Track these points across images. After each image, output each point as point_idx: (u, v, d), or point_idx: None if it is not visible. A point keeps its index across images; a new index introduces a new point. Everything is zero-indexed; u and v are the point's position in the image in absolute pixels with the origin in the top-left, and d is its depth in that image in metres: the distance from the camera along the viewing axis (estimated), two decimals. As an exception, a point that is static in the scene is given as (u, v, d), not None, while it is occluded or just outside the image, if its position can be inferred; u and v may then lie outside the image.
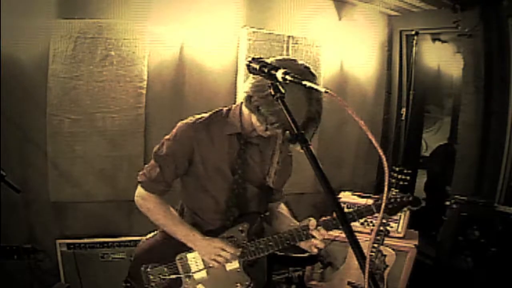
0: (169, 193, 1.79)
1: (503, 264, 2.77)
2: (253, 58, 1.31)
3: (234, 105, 1.76)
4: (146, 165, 1.80)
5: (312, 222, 1.66)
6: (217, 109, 1.77)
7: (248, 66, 1.31)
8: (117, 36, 2.94)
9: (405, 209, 1.89)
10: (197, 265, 1.75)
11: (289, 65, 1.42)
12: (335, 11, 3.85)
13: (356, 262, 0.95)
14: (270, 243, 1.69)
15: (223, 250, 1.67)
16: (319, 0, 3.74)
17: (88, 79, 2.91)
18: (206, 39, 3.27)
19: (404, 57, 4.15)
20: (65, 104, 2.88)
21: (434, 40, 4.25)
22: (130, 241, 2.98)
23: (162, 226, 1.78)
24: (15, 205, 2.73)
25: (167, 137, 1.76)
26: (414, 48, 3.74)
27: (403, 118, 3.91)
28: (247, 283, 1.72)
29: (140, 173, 1.79)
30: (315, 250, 1.69)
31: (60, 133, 2.90)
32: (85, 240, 2.92)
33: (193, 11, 3.16)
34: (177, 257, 1.76)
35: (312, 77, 1.47)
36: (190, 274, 1.74)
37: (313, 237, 1.64)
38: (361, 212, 1.74)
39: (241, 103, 1.68)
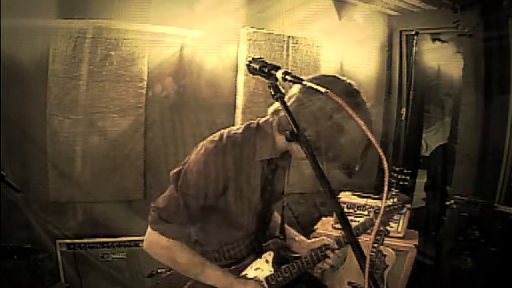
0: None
1: (503, 264, 2.77)
2: (253, 58, 1.29)
3: (261, 122, 1.54)
4: (161, 204, 1.44)
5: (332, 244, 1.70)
6: (246, 125, 1.54)
7: (248, 66, 1.30)
8: (117, 36, 2.94)
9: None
10: None
11: (332, 82, 1.39)
12: (335, 11, 3.85)
13: (356, 262, 0.95)
14: (295, 270, 1.64)
15: None
16: (319, 0, 3.74)
17: (88, 79, 2.90)
18: (206, 39, 3.27)
19: (404, 57, 4.14)
20: (65, 104, 2.88)
21: (434, 40, 4.24)
22: (130, 241, 2.97)
23: (192, 276, 1.52)
24: (15, 205, 2.73)
25: (193, 165, 1.43)
26: (414, 48, 3.74)
27: (403, 118, 3.91)
28: None
29: (154, 216, 1.44)
30: (327, 266, 1.73)
31: (60, 133, 2.90)
32: (85, 240, 2.91)
33: (193, 11, 3.16)
34: None
35: (356, 93, 1.42)
36: None
37: (328, 257, 1.70)
38: (365, 226, 1.87)
39: (270, 123, 1.51)
